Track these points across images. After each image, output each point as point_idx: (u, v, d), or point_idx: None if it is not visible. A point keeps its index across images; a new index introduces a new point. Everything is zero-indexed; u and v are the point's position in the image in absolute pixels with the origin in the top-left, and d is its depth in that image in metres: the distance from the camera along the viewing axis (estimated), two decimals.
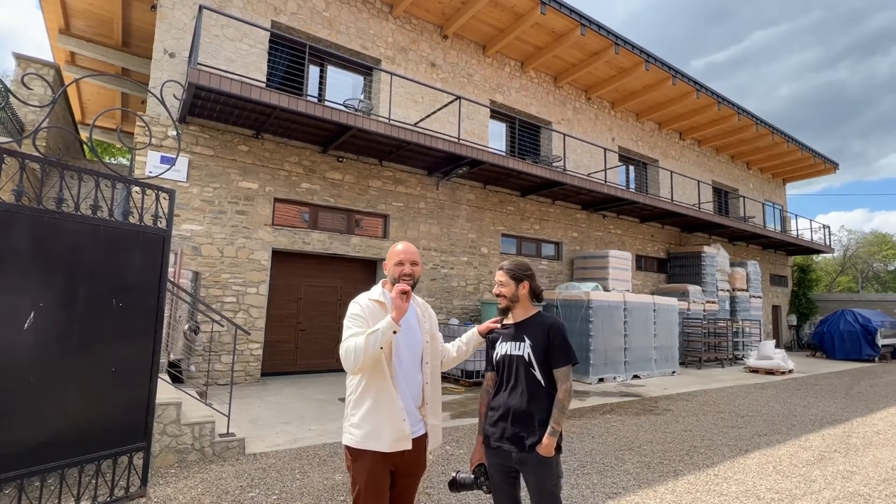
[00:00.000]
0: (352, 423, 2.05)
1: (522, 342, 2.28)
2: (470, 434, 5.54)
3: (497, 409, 2.30)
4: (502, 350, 2.34)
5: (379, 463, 2.00)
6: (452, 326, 9.48)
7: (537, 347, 2.25)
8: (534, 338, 2.27)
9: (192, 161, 7.99)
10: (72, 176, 3.36)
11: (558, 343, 2.25)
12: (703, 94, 14.76)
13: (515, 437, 2.20)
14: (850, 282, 38.46)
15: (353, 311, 2.07)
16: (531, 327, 2.31)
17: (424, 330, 2.22)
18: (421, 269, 2.19)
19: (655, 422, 6.50)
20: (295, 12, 9.30)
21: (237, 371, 7.96)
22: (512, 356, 2.29)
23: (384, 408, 2.00)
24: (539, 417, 2.19)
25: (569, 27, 11.46)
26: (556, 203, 13.17)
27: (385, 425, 1.99)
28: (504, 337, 2.37)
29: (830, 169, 22.11)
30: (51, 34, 10.95)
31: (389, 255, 2.17)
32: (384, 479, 2.02)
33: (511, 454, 2.21)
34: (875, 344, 15.85)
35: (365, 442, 1.99)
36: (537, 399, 2.22)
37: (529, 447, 2.16)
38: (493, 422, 2.30)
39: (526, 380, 2.24)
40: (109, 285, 3.39)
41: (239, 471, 4.16)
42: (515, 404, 2.23)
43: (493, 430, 2.29)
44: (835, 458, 5.10)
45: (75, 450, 3.18)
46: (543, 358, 2.24)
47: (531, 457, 2.16)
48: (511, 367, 2.29)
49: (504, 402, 2.28)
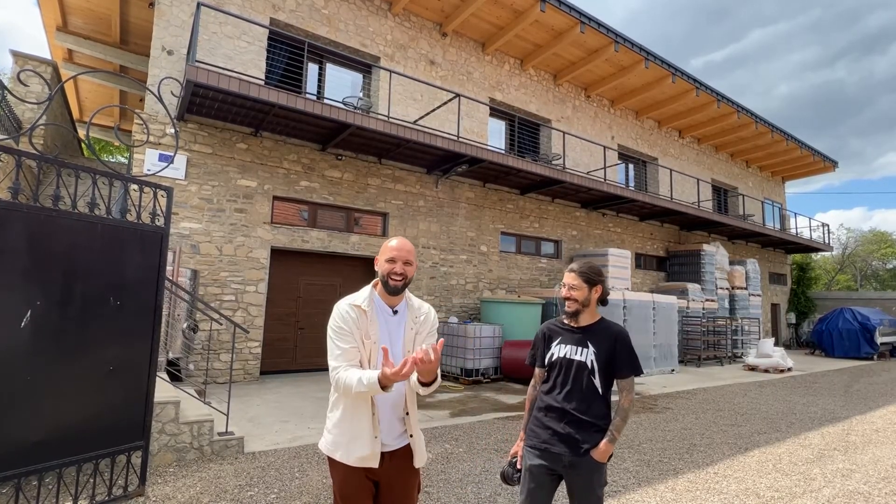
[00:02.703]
0: (326, 427, 1.94)
1: (586, 348, 2.22)
2: (469, 433, 5.54)
3: (548, 411, 2.23)
4: (560, 352, 2.27)
5: (351, 473, 1.86)
6: (452, 325, 9.47)
7: (601, 355, 2.19)
8: (599, 345, 2.21)
9: (190, 159, 7.96)
10: (69, 173, 3.34)
11: (625, 353, 2.20)
12: (703, 93, 14.74)
13: (570, 441, 2.15)
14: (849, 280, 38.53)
15: (334, 322, 1.88)
16: (597, 334, 2.24)
17: (407, 339, 1.96)
18: (415, 270, 1.97)
19: (655, 420, 6.49)
20: (293, 9, 9.26)
21: (236, 369, 7.94)
22: (572, 360, 2.23)
23: (357, 420, 1.84)
24: (595, 423, 2.16)
25: (568, 25, 11.43)
26: (556, 201, 13.15)
27: (356, 438, 1.83)
28: (564, 338, 2.29)
29: (829, 167, 22.11)
30: (48, 31, 10.90)
31: (382, 250, 1.95)
32: (360, 489, 1.87)
33: (561, 457, 2.15)
34: (874, 342, 15.87)
35: (334, 451, 1.87)
36: (594, 406, 2.18)
37: (585, 451, 2.12)
38: (542, 423, 2.24)
39: (585, 386, 2.19)
40: (107, 283, 3.36)
41: (238, 469, 4.14)
42: (572, 408, 2.17)
43: (541, 431, 2.23)
44: (834, 456, 5.10)
45: (73, 449, 3.16)
46: (606, 366, 2.19)
47: (585, 461, 2.12)
48: (569, 370, 2.22)
49: (558, 404, 2.21)
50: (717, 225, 16.20)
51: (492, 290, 11.39)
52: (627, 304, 10.71)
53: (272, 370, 8.71)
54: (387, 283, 1.91)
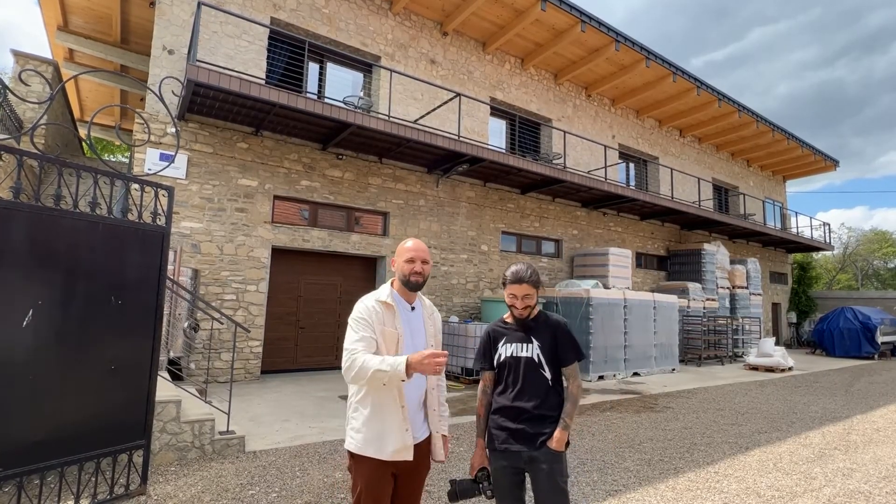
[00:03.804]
0: (353, 427, 1.99)
1: (530, 343, 2.26)
2: (470, 432, 5.54)
3: (502, 411, 2.25)
4: (507, 351, 2.29)
5: (380, 468, 1.95)
6: (453, 324, 9.47)
7: (545, 347, 2.24)
8: (541, 338, 2.26)
9: (191, 158, 7.97)
10: (70, 173, 3.35)
11: (566, 341, 2.26)
12: (704, 92, 14.73)
13: (525, 436, 2.17)
14: (850, 279, 38.49)
15: (358, 314, 1.99)
16: (538, 327, 2.29)
17: (430, 334, 2.15)
18: (430, 268, 2.15)
19: (655, 419, 6.49)
20: (294, 9, 9.26)
21: (237, 369, 7.95)
22: (518, 357, 2.25)
23: (387, 415, 1.94)
24: (549, 415, 2.20)
25: (569, 24, 11.42)
26: (556, 200, 13.15)
27: (387, 433, 1.93)
28: (509, 337, 2.31)
29: (830, 166, 22.08)
30: (49, 31, 10.90)
31: (399, 251, 2.11)
32: (385, 484, 1.97)
33: (520, 454, 2.17)
34: (875, 341, 15.86)
35: (365, 448, 1.94)
36: (546, 398, 2.22)
37: (540, 443, 2.15)
38: (498, 425, 2.26)
39: (534, 381, 2.23)
40: (108, 283, 3.37)
41: (239, 468, 4.15)
42: (524, 405, 2.20)
43: (499, 432, 2.24)
44: (835, 455, 5.10)
45: (75, 448, 3.17)
46: (551, 357, 2.24)
47: (542, 453, 2.15)
48: (517, 368, 2.25)
49: (510, 403, 2.23)
50: (717, 224, 16.19)
51: (492, 289, 11.39)
52: (628, 304, 10.71)
53: (273, 369, 8.72)
54: (408, 282, 2.07)
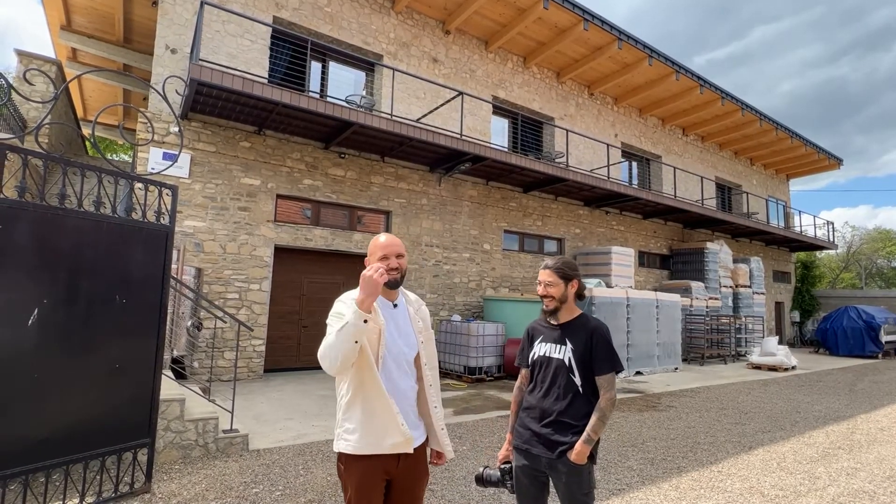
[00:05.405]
0: (346, 429, 1.90)
1: (564, 345, 2.17)
2: (473, 431, 5.55)
3: (529, 410, 2.21)
4: (541, 350, 2.24)
5: (371, 471, 1.87)
6: (455, 323, 9.47)
7: (578, 351, 2.14)
8: (576, 341, 2.16)
9: (194, 157, 7.98)
10: (74, 172, 3.35)
11: (602, 348, 2.12)
12: (707, 90, 14.68)
13: (547, 441, 2.10)
14: (854, 278, 38.34)
15: (335, 310, 1.87)
16: (575, 330, 2.19)
17: (418, 329, 2.04)
18: (406, 262, 2.00)
19: (658, 418, 6.49)
20: (297, 8, 9.26)
21: (240, 367, 7.96)
22: (550, 358, 2.19)
23: (378, 411, 1.86)
24: (574, 423, 2.09)
25: (571, 22, 11.40)
26: (559, 199, 13.13)
27: (383, 427, 1.86)
28: (545, 336, 2.26)
29: (834, 165, 21.99)
30: (52, 30, 10.93)
31: (372, 248, 1.97)
32: (377, 485, 1.89)
33: (541, 458, 2.11)
34: (878, 340, 15.80)
35: (362, 447, 1.85)
36: (574, 405, 2.11)
37: (560, 453, 2.06)
38: (523, 424, 2.22)
39: (563, 384, 2.14)
40: (112, 282, 3.38)
41: (243, 467, 4.16)
42: (549, 408, 2.13)
43: (523, 431, 2.20)
44: (839, 454, 5.08)
45: (79, 446, 3.18)
46: (584, 363, 2.13)
47: (562, 463, 2.06)
48: (548, 369, 2.19)
49: (537, 403, 2.18)
50: (720, 223, 16.15)
51: (495, 288, 11.39)
52: (631, 303, 10.69)
53: (276, 368, 8.74)
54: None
